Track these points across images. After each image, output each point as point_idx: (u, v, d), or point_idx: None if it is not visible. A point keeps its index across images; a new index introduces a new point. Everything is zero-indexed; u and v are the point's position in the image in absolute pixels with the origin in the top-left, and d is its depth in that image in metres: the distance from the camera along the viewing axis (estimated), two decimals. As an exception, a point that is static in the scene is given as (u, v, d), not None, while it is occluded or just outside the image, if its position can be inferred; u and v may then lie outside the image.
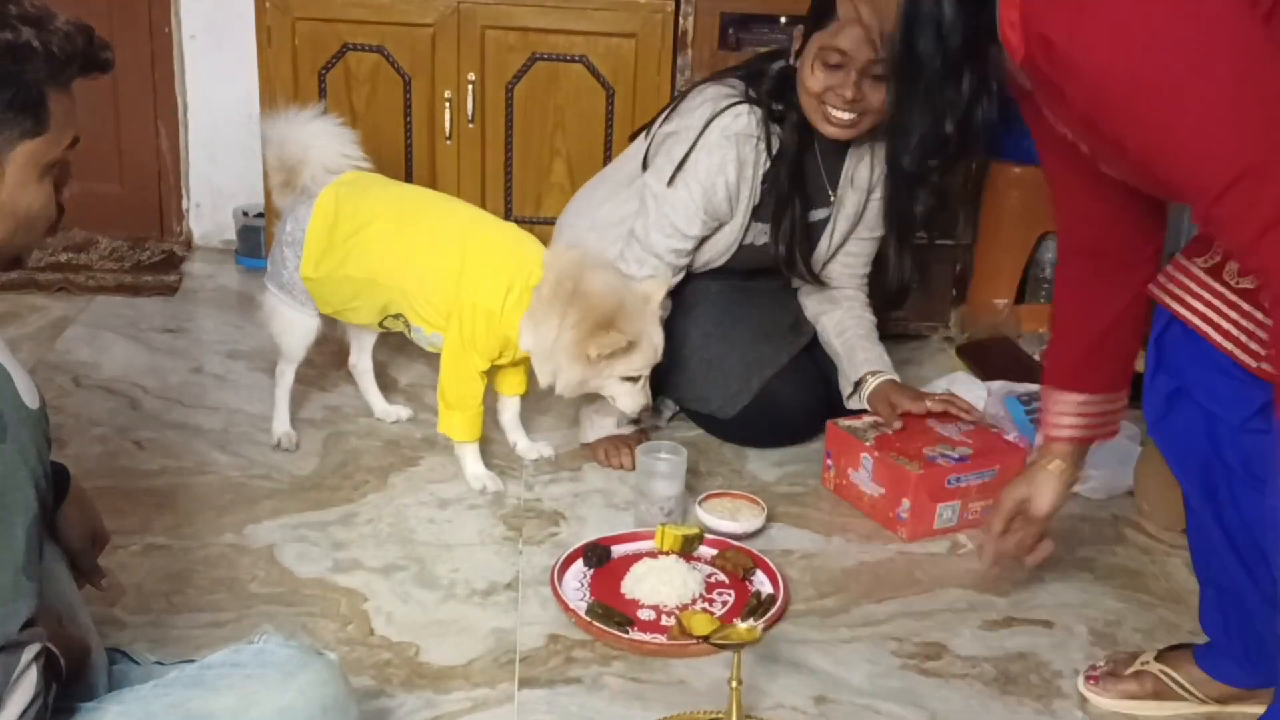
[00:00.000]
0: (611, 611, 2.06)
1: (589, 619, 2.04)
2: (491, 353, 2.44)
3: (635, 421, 2.65)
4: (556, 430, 2.72)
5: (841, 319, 2.75)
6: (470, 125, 3.28)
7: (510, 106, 3.28)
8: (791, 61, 2.53)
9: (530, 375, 2.52)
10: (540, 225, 3.08)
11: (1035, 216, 3.38)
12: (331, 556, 2.24)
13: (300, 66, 3.25)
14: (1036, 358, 3.13)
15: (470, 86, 3.25)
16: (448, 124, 3.28)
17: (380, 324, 2.57)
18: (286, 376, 2.63)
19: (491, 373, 2.52)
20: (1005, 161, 3.36)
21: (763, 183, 2.58)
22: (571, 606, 2.07)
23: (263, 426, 2.68)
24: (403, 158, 3.33)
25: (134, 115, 3.63)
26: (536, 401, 2.69)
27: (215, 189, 3.72)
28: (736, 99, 2.54)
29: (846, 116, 2.47)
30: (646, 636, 2.02)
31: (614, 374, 2.39)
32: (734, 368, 2.66)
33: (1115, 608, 2.21)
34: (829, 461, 2.55)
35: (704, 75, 3.08)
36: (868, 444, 2.45)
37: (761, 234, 2.64)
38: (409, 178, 3.33)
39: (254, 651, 1.53)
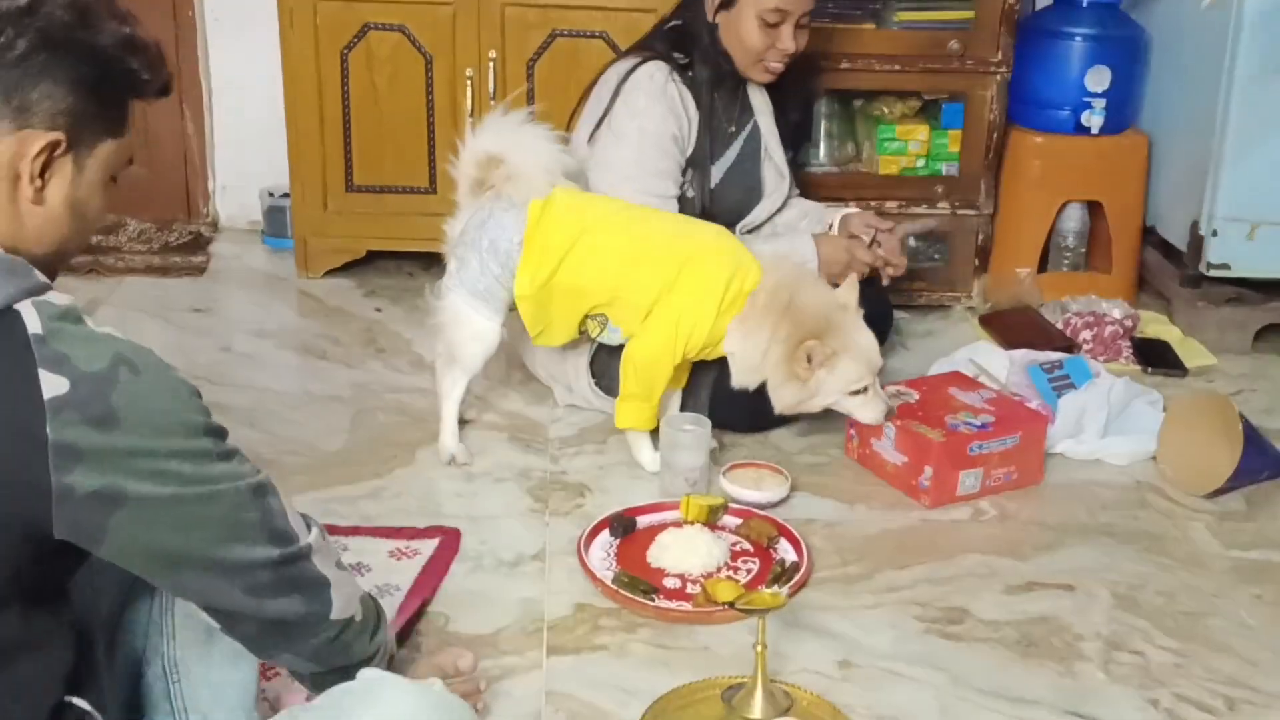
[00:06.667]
0: (637, 580, 2.09)
1: (615, 588, 2.07)
2: (692, 351, 2.42)
3: None
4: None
5: (797, 210, 2.93)
6: (492, 103, 3.29)
7: (532, 83, 3.30)
8: (711, 19, 2.66)
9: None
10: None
11: (1057, 185, 3.39)
12: (361, 529, 2.27)
13: (322, 47, 3.27)
14: (1059, 326, 3.14)
15: (491, 64, 3.26)
16: (470, 102, 3.29)
17: (579, 328, 2.50)
18: (459, 387, 2.51)
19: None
20: (1026, 129, 3.37)
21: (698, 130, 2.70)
22: (598, 576, 2.10)
23: (291, 404, 2.72)
24: (425, 137, 3.35)
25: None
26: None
27: (241, 170, 3.76)
28: (639, 60, 2.67)
29: (782, 66, 2.70)
30: (672, 604, 2.05)
31: (836, 391, 2.36)
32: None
33: (1137, 571, 2.22)
34: (852, 431, 2.56)
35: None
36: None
37: (689, 185, 2.72)
38: (432, 157, 3.35)
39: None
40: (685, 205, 2.69)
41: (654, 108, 2.63)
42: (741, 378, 2.43)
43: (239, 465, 1.32)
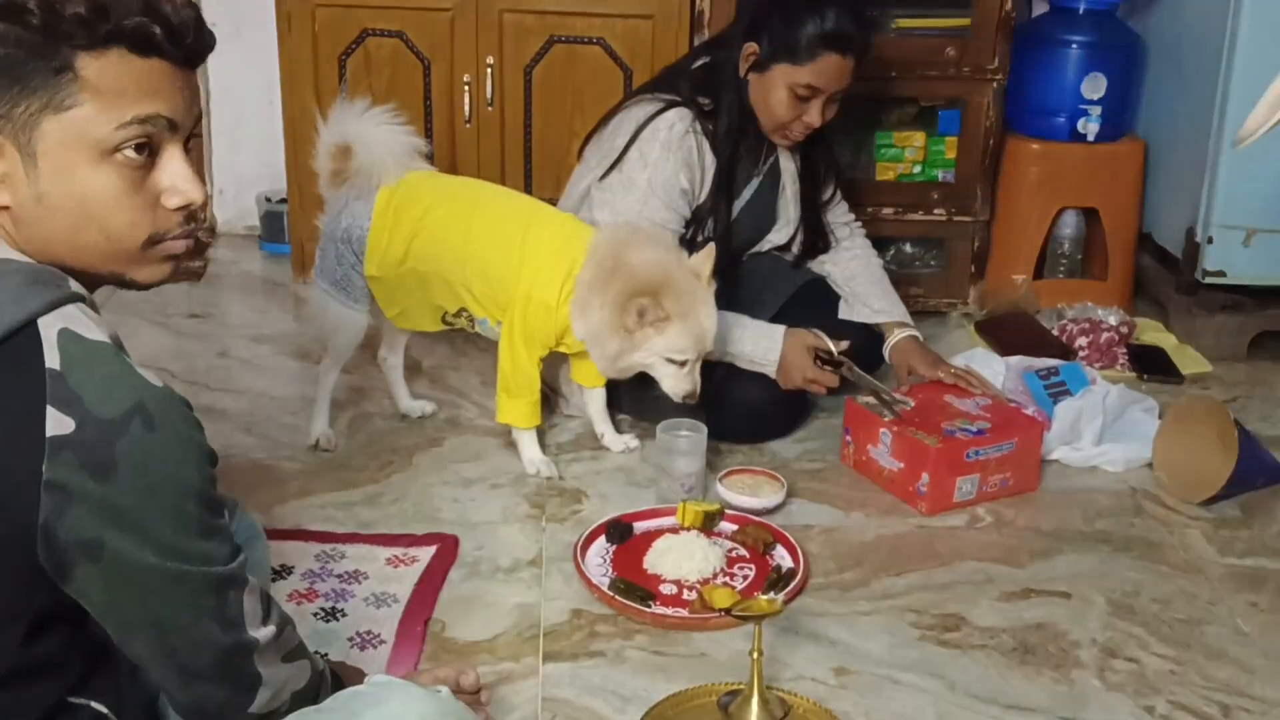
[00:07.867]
0: (634, 586, 2.09)
1: (612, 594, 2.07)
2: (548, 342, 2.42)
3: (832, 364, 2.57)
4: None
5: (847, 265, 2.86)
6: (489, 108, 3.30)
7: (529, 89, 3.30)
8: (741, 74, 2.61)
9: None
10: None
11: (1053, 191, 3.40)
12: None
13: (320, 52, 3.28)
14: (1055, 333, 3.15)
15: (489, 70, 3.27)
16: (467, 107, 3.30)
17: (444, 320, 2.53)
18: (330, 376, 2.59)
19: (556, 363, 2.55)
20: (1023, 136, 3.38)
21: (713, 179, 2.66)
22: (594, 582, 2.10)
23: (289, 409, 2.73)
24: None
25: (157, 103, 3.66)
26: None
27: (238, 175, 3.76)
28: (663, 106, 2.61)
29: (803, 138, 2.65)
30: (668, 610, 2.05)
31: (655, 352, 2.33)
32: None
33: (1133, 578, 2.22)
34: (848, 437, 2.57)
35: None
36: (886, 419, 2.47)
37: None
38: (429, 162, 3.36)
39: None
40: (696, 248, 2.58)
41: (667, 160, 2.58)
42: (595, 358, 2.39)
43: (217, 548, 1.25)
